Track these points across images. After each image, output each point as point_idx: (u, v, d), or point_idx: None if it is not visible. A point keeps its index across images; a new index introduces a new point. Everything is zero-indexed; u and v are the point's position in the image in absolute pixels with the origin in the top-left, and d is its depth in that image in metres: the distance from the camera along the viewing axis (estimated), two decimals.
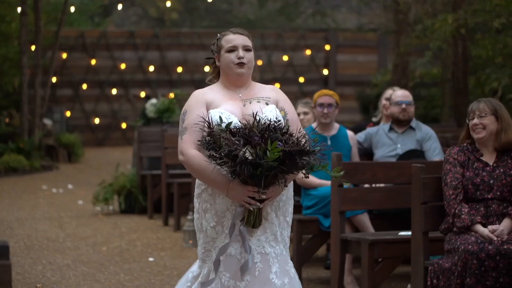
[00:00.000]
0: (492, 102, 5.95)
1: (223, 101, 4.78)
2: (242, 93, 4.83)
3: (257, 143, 4.36)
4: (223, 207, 4.68)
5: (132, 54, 20.98)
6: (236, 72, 4.80)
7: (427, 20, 16.16)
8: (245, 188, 4.53)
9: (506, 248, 5.51)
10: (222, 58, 4.83)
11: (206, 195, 4.72)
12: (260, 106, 4.75)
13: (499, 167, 5.83)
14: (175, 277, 7.80)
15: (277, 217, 4.73)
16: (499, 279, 5.48)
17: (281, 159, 4.36)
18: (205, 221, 4.72)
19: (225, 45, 4.82)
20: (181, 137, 4.73)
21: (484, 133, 5.86)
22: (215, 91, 4.85)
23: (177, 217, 10.38)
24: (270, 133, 4.42)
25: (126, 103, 20.94)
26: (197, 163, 4.62)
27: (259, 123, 4.47)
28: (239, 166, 4.36)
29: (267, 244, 4.67)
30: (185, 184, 10.33)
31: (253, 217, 4.59)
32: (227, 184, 4.56)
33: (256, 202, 4.56)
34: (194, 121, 4.70)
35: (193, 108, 4.77)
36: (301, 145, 4.41)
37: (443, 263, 5.71)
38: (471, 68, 16.53)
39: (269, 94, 4.85)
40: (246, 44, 4.83)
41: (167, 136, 10.74)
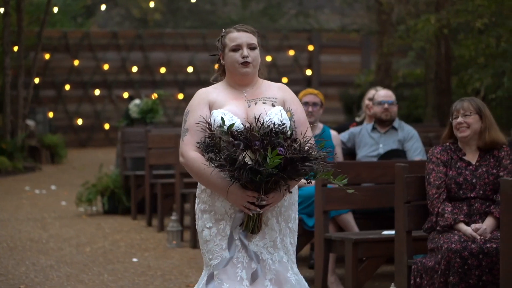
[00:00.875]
0: (475, 101, 5.99)
1: (227, 101, 4.63)
2: (248, 92, 4.67)
3: (256, 148, 4.23)
4: (222, 210, 4.56)
5: (115, 54, 20.94)
6: (241, 72, 4.64)
7: (410, 20, 16.21)
8: (244, 193, 4.42)
9: (489, 247, 5.54)
10: (227, 57, 4.67)
11: (205, 195, 4.60)
12: (265, 108, 4.58)
13: (482, 166, 5.86)
14: (159, 278, 7.79)
15: (278, 223, 4.58)
16: (482, 277, 5.51)
17: (282, 166, 4.23)
18: (202, 221, 4.61)
19: (229, 44, 4.66)
20: (182, 139, 4.61)
21: (469, 131, 5.89)
22: (219, 90, 4.69)
23: (161, 217, 10.36)
24: (271, 138, 4.27)
25: (109, 104, 20.90)
26: (197, 166, 4.50)
27: (262, 127, 4.33)
28: (237, 171, 4.25)
29: (265, 251, 4.55)
30: (169, 184, 10.32)
31: (252, 223, 4.48)
32: (227, 188, 4.43)
33: (255, 208, 4.44)
34: (196, 122, 4.57)
35: (195, 108, 4.63)
36: (303, 151, 4.27)
37: (427, 262, 5.73)
38: (454, 68, 16.60)
39: (276, 94, 4.69)
40: (250, 42, 4.66)
41: (151, 137, 10.73)
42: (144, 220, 10.92)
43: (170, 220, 9.43)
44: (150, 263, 8.47)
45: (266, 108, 4.57)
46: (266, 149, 4.23)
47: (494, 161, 5.88)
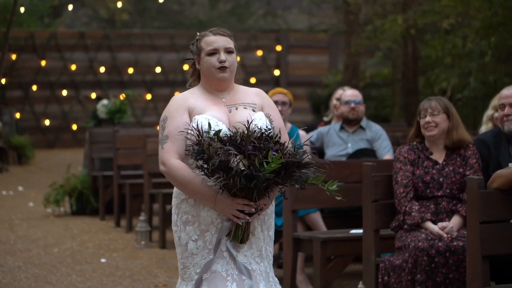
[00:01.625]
0: (443, 100, 6.04)
1: (207, 106, 4.45)
2: (226, 97, 4.51)
3: (251, 153, 4.05)
4: (208, 220, 4.35)
5: (82, 55, 20.83)
6: (218, 77, 4.47)
7: (377, 20, 16.30)
8: (234, 201, 4.23)
9: (455, 245, 5.60)
10: (203, 61, 4.51)
11: (187, 206, 4.39)
12: (249, 113, 4.43)
13: (449, 165, 5.91)
14: (127, 278, 7.78)
15: (263, 232, 4.43)
16: (448, 275, 5.57)
17: (277, 171, 4.08)
18: (185, 234, 4.38)
19: (205, 48, 4.50)
20: (162, 146, 4.39)
21: (437, 130, 5.94)
22: (196, 95, 4.51)
23: (129, 218, 10.34)
24: (265, 142, 4.13)
25: (76, 105, 20.79)
26: (181, 175, 4.30)
27: (253, 132, 4.17)
28: (232, 178, 4.05)
29: (253, 261, 4.39)
30: (137, 185, 10.30)
31: (241, 232, 4.28)
32: (214, 197, 4.24)
33: (245, 216, 4.25)
34: (176, 128, 4.37)
35: (174, 114, 4.42)
36: (299, 156, 4.15)
37: (394, 260, 5.78)
38: (421, 68, 16.71)
39: (254, 99, 4.55)
40: (228, 46, 4.50)
41: (119, 137, 10.70)
42: (112, 221, 10.89)
43: (139, 220, 9.42)
44: (118, 263, 8.44)
45: (250, 114, 4.43)
46: (262, 153, 4.07)
47: (461, 160, 5.93)
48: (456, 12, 14.69)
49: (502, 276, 5.54)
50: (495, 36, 13.46)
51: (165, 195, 9.35)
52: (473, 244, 5.06)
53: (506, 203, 5.16)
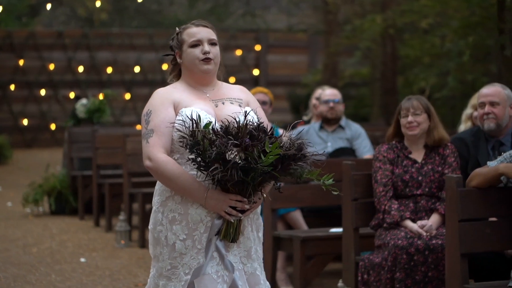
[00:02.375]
0: (423, 99, 6.08)
1: (193, 100, 4.25)
2: (210, 93, 4.32)
3: (248, 145, 3.88)
4: (197, 218, 4.13)
5: (61, 54, 20.75)
6: (202, 69, 4.28)
7: (356, 20, 16.35)
8: (227, 197, 4.05)
9: (434, 243, 5.64)
10: (185, 54, 4.30)
11: (173, 203, 4.17)
12: (235, 108, 4.27)
13: (427, 163, 5.95)
14: (107, 278, 7.77)
15: (252, 232, 4.24)
16: (427, 274, 5.60)
17: (274, 164, 3.92)
18: (172, 233, 4.15)
19: (187, 40, 4.30)
20: (147, 141, 4.17)
21: (418, 130, 5.98)
22: (180, 90, 4.30)
23: (109, 217, 10.32)
24: (262, 133, 3.97)
25: (55, 104, 20.70)
26: (169, 170, 4.09)
27: (249, 124, 4.00)
28: (230, 171, 3.88)
29: (238, 260, 4.19)
30: (117, 184, 10.28)
31: (232, 230, 4.08)
32: (205, 193, 4.07)
33: (237, 213, 4.07)
34: (163, 122, 4.17)
35: (159, 108, 4.21)
36: (297, 148, 3.99)
37: (374, 258, 5.81)
38: (400, 67, 16.78)
39: (239, 95, 4.37)
40: (211, 38, 4.32)
41: (98, 137, 10.68)
42: (91, 220, 10.86)
43: (118, 220, 9.40)
44: (98, 263, 8.43)
45: (237, 108, 4.27)
46: (261, 144, 3.92)
47: (439, 158, 5.97)
48: (434, 12, 14.77)
49: (481, 274, 5.59)
50: (473, 35, 13.53)
51: (144, 195, 9.34)
52: (452, 242, 5.09)
53: (484, 201, 5.20)
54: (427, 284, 5.60)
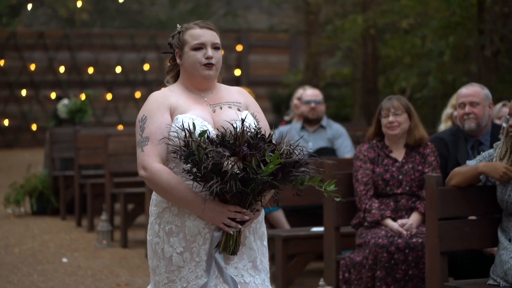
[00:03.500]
0: (404, 100, 6.13)
1: (190, 105, 4.02)
2: (208, 97, 4.09)
3: (246, 154, 3.68)
4: (194, 230, 3.92)
5: (42, 54, 20.70)
6: (203, 75, 4.05)
7: (337, 20, 16.41)
8: (225, 208, 3.84)
9: (414, 241, 5.69)
10: (186, 56, 4.07)
11: (170, 215, 3.96)
12: (236, 113, 4.05)
13: (408, 163, 6.00)
14: (89, 277, 7.77)
15: (255, 241, 4.04)
16: (408, 272, 5.65)
17: (275, 173, 3.72)
18: (169, 246, 3.95)
19: (190, 41, 4.06)
20: (142, 149, 3.94)
21: (399, 130, 6.03)
22: (177, 93, 4.07)
23: (90, 217, 10.33)
24: (261, 142, 3.75)
25: (36, 104, 20.65)
26: (165, 180, 3.89)
27: (247, 131, 3.78)
28: (228, 182, 3.67)
29: (246, 273, 3.98)
30: (98, 184, 10.29)
31: (232, 242, 3.88)
32: (202, 204, 3.86)
33: (237, 225, 3.86)
34: (158, 129, 3.95)
35: (155, 114, 3.99)
36: (296, 156, 3.79)
37: (355, 257, 5.85)
38: (381, 67, 16.85)
39: (238, 98, 4.14)
40: (215, 42, 4.09)
41: (80, 137, 10.69)
42: (73, 221, 10.86)
43: (100, 220, 9.41)
44: (80, 263, 8.43)
45: (236, 113, 4.05)
46: (254, 154, 3.69)
47: (420, 158, 6.02)
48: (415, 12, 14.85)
49: (460, 272, 5.64)
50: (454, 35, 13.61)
51: (126, 195, 9.36)
52: (432, 241, 5.14)
53: (463, 200, 5.25)
54: (407, 282, 5.65)
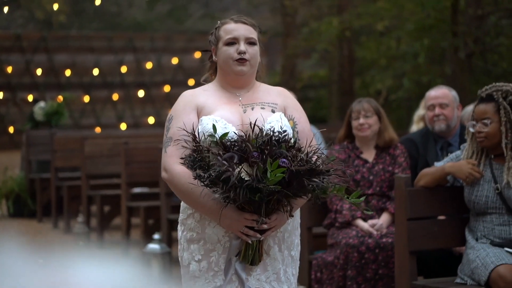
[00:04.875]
0: (373, 102, 6.23)
1: (219, 105, 3.84)
2: (243, 96, 3.90)
3: (253, 161, 3.47)
4: (214, 238, 3.74)
5: (19, 57, 20.67)
6: (235, 70, 3.86)
7: (314, 23, 16.51)
8: (241, 216, 3.62)
9: (385, 241, 5.78)
10: (220, 52, 3.89)
11: (193, 221, 3.78)
12: (263, 114, 3.81)
13: (378, 163, 6.09)
14: None
15: (281, 252, 3.79)
16: (378, 271, 5.74)
17: (286, 181, 3.47)
18: (188, 253, 3.79)
19: (223, 36, 3.89)
20: (165, 149, 3.81)
21: (369, 131, 6.12)
22: (209, 92, 3.91)
23: (67, 220, 10.36)
24: (273, 147, 3.52)
25: (13, 107, 20.62)
26: (183, 183, 3.70)
27: (260, 135, 3.56)
28: (233, 190, 3.46)
29: (268, 285, 3.76)
30: (75, 187, 10.32)
31: (251, 252, 3.66)
32: (220, 210, 3.63)
33: (255, 233, 3.63)
34: (181, 130, 3.78)
35: (180, 114, 3.83)
36: (311, 163, 3.51)
37: (326, 257, 5.93)
38: (357, 69, 16.98)
39: (275, 99, 3.92)
40: (249, 36, 3.89)
41: (56, 139, 10.72)
42: (50, 223, 10.88)
43: (77, 222, 9.45)
44: None
45: (264, 114, 3.82)
46: (265, 161, 3.47)
47: (390, 158, 6.12)
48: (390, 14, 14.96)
49: (430, 271, 5.74)
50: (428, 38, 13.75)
51: (103, 197, 9.41)
52: (401, 240, 5.23)
53: (432, 200, 5.34)
54: (377, 281, 5.74)
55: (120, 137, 10.84)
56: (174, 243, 8.38)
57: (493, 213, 5.08)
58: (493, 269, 4.84)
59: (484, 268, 4.88)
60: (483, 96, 5.13)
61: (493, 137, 5.07)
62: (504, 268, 4.83)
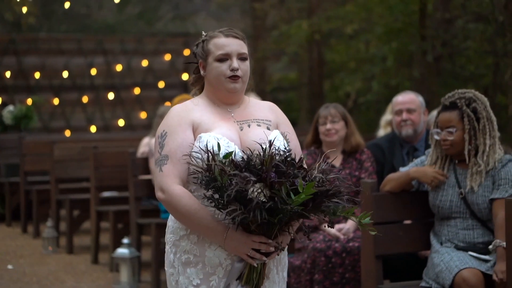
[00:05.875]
0: (340, 107, 6.29)
1: (215, 122, 3.65)
2: (235, 112, 3.73)
3: (275, 181, 3.29)
4: (215, 261, 3.56)
5: None
6: (228, 88, 3.68)
7: (283, 25, 16.58)
8: (249, 238, 3.45)
9: (351, 246, 5.84)
10: (210, 67, 3.71)
11: (188, 243, 3.59)
12: (265, 132, 3.67)
13: (345, 168, 6.15)
14: (34, 284, 7.80)
15: (278, 274, 3.69)
16: (345, 275, 5.80)
17: (305, 202, 3.35)
18: (185, 277, 3.58)
19: (214, 51, 3.71)
20: (160, 168, 3.58)
21: (336, 137, 6.18)
22: (201, 108, 3.70)
23: (36, 224, 10.33)
24: (291, 167, 3.36)
25: None
26: (184, 204, 3.51)
27: (275, 154, 3.38)
28: (252, 212, 3.28)
29: None
30: (44, 191, 10.30)
31: (256, 275, 3.50)
32: (224, 233, 3.48)
33: (262, 256, 3.47)
34: (179, 147, 3.57)
35: (176, 130, 3.61)
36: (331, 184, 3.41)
37: (294, 261, 5.98)
38: (326, 72, 17.06)
39: (268, 115, 3.78)
40: (242, 52, 3.72)
41: (25, 143, 10.69)
42: (19, 227, 10.85)
43: (46, 226, 9.43)
44: (25, 269, 8.45)
45: (266, 132, 3.68)
46: (282, 182, 3.31)
47: (356, 163, 6.18)
48: (359, 18, 15.07)
49: (397, 275, 5.80)
50: (397, 41, 13.86)
51: (72, 201, 9.40)
52: (367, 245, 5.29)
53: (397, 205, 5.40)
54: (344, 285, 5.80)
55: (90, 141, 10.82)
56: (143, 247, 8.40)
57: (457, 217, 5.16)
58: (457, 273, 4.91)
59: (449, 272, 4.95)
60: (447, 104, 5.20)
61: (458, 144, 5.15)
62: (467, 272, 4.90)
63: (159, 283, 7.52)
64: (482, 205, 5.09)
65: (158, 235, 7.59)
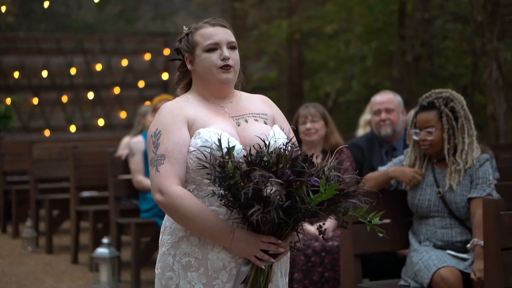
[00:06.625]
0: (320, 107, 6.32)
1: (210, 117, 3.44)
2: (228, 107, 3.52)
3: (292, 180, 3.13)
4: (218, 264, 3.36)
5: None
6: (220, 79, 3.47)
7: (263, 25, 16.61)
8: (258, 239, 3.27)
9: (330, 245, 5.87)
10: (199, 59, 3.49)
11: (189, 245, 3.39)
12: (266, 128, 3.49)
13: None
14: (14, 284, 7.78)
15: (281, 278, 3.52)
16: (324, 274, 5.83)
17: (321, 202, 3.21)
18: (186, 282, 3.38)
19: (202, 42, 3.49)
20: (157, 169, 3.36)
21: (316, 136, 6.20)
22: (193, 103, 3.49)
23: (15, 224, 10.30)
24: (310, 165, 3.23)
25: None
26: (186, 206, 3.30)
27: (290, 151, 3.20)
28: (269, 212, 3.11)
29: None
30: (23, 191, 10.27)
31: (263, 278, 3.33)
32: (231, 234, 3.29)
33: (270, 258, 3.29)
34: (176, 145, 3.37)
35: (171, 128, 3.40)
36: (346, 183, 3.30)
37: None
38: (306, 72, 17.11)
39: (263, 108, 3.58)
40: (231, 40, 3.52)
41: (4, 143, 10.65)
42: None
43: (25, 226, 9.40)
44: (4, 269, 8.42)
45: (266, 128, 3.50)
46: (302, 181, 3.16)
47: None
48: (339, 17, 15.12)
49: (376, 273, 5.84)
50: (376, 41, 13.92)
51: (51, 201, 9.37)
52: (346, 244, 5.30)
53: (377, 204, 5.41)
54: (324, 284, 5.82)
55: (69, 141, 10.80)
56: (123, 247, 8.39)
57: (435, 216, 5.19)
58: (436, 271, 4.94)
59: (427, 271, 4.98)
60: (425, 104, 5.23)
61: (437, 144, 5.18)
62: (446, 270, 4.93)
63: (139, 283, 7.52)
64: (460, 204, 5.12)
65: (138, 235, 7.59)
